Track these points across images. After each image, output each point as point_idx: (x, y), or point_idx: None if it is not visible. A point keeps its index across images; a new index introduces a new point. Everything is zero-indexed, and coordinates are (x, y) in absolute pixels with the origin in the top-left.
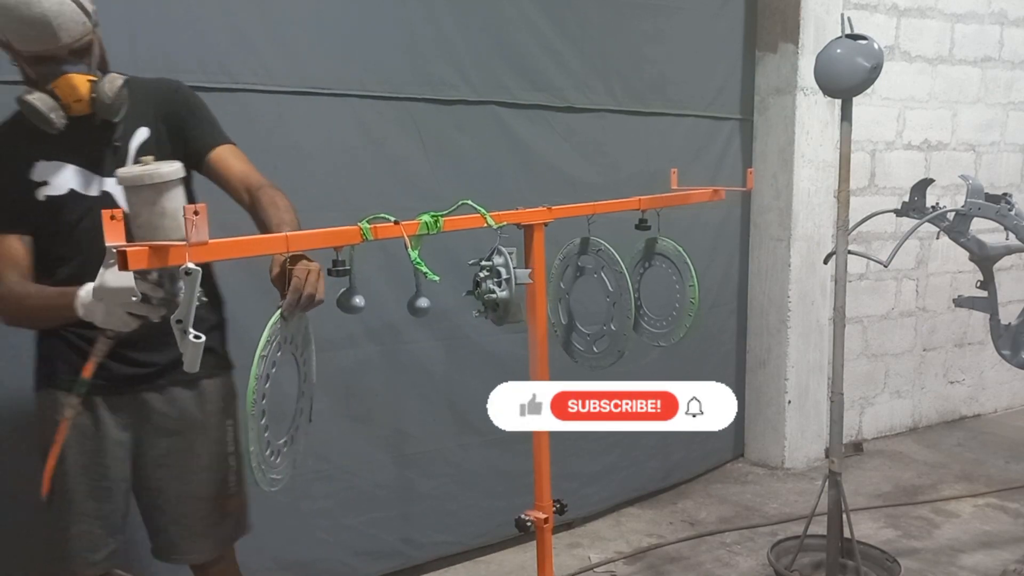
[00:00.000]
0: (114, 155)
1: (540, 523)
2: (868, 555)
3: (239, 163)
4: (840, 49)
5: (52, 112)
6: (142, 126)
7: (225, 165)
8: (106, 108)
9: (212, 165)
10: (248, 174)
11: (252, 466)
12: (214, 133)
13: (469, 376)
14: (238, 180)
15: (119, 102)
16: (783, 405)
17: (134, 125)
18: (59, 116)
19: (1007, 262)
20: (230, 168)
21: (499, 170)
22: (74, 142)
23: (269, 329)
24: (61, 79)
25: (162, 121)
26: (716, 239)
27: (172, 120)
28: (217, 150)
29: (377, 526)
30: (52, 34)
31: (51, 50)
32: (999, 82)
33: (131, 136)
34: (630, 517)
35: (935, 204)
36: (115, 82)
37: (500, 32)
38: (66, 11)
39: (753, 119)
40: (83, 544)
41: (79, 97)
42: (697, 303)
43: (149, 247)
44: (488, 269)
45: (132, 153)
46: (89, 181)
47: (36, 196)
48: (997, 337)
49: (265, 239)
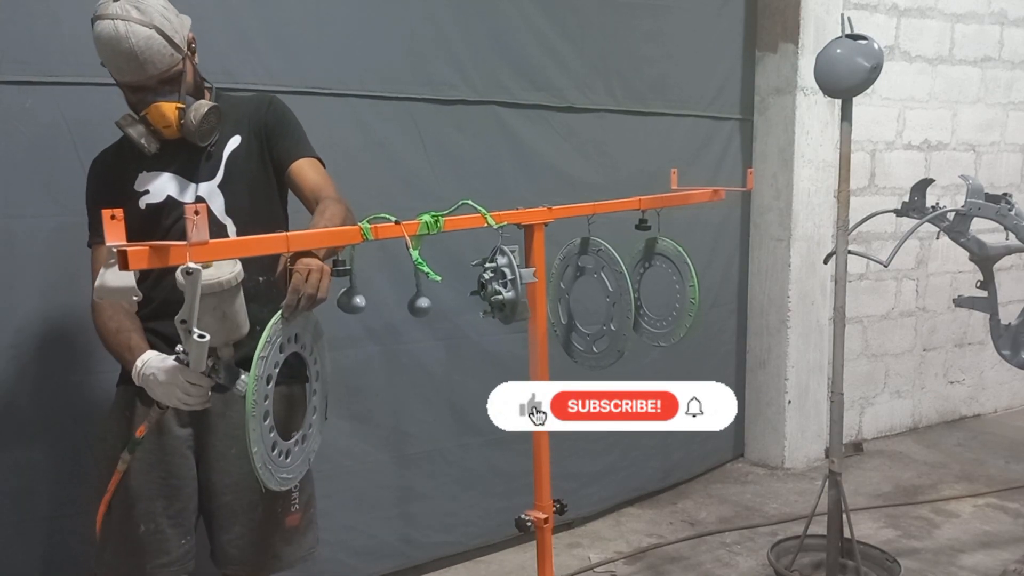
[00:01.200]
0: (207, 161)
1: (540, 523)
2: (868, 555)
3: (314, 175)
4: (840, 49)
5: (143, 138)
6: (236, 134)
7: (301, 176)
8: (192, 134)
9: (291, 176)
10: (320, 187)
11: (256, 467)
12: (299, 146)
13: (469, 376)
14: (309, 191)
15: (206, 127)
16: (783, 405)
17: (228, 133)
18: (151, 142)
19: (1007, 262)
20: (304, 180)
21: (499, 170)
22: (171, 151)
23: (269, 329)
24: (152, 108)
25: (254, 131)
26: (716, 239)
27: (263, 131)
28: (298, 162)
29: (377, 526)
30: (139, 67)
31: (141, 81)
32: (999, 82)
33: (225, 144)
34: (630, 517)
35: (935, 204)
36: (201, 110)
37: (500, 32)
38: (154, 46)
39: (753, 119)
40: (155, 543)
41: (168, 124)
42: (697, 303)
43: (150, 247)
44: (492, 270)
45: (225, 159)
46: (184, 187)
47: (139, 205)
48: (997, 337)
49: (265, 239)
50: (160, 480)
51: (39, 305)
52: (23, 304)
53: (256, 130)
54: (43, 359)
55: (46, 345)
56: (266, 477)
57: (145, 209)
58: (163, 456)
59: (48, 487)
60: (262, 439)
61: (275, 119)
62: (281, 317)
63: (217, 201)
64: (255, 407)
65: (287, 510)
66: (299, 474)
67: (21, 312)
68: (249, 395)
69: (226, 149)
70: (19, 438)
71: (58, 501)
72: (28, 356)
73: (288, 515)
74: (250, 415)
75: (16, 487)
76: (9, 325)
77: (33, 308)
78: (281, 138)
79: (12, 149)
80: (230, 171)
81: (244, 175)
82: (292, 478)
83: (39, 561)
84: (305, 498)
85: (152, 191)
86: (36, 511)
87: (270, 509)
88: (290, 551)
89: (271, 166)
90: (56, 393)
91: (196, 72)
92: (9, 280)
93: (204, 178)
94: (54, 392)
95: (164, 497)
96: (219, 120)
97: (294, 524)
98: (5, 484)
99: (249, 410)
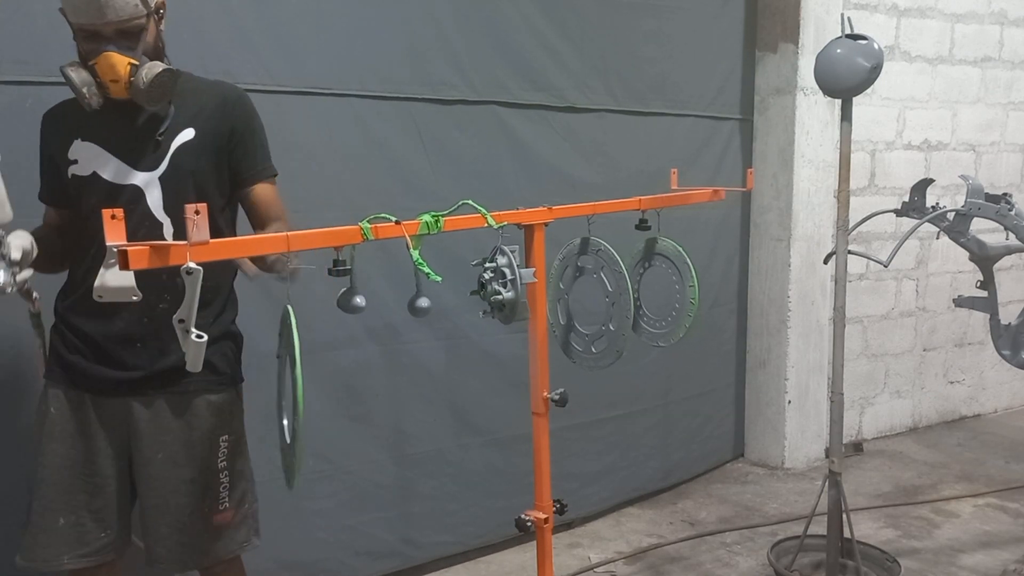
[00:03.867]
0: (154, 151)
1: (540, 523)
2: (868, 555)
3: (269, 198)
4: (840, 49)
5: (85, 87)
6: (190, 127)
7: (257, 199)
8: (141, 94)
9: (249, 198)
10: (271, 212)
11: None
12: (264, 165)
13: (469, 376)
14: (263, 215)
15: (156, 91)
16: (783, 405)
17: (182, 124)
18: (92, 93)
19: (1007, 262)
20: (259, 203)
21: (499, 170)
22: (117, 128)
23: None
24: (101, 56)
25: (213, 128)
26: (716, 239)
27: (225, 133)
28: (260, 186)
29: (377, 526)
30: (98, 9)
31: (97, 26)
32: (999, 82)
33: (176, 135)
34: (630, 517)
35: (935, 204)
36: (154, 69)
37: (500, 32)
38: None
39: (753, 119)
40: (74, 535)
41: (116, 77)
42: (697, 303)
43: (150, 247)
44: (492, 270)
45: (172, 151)
46: (120, 170)
47: (67, 174)
48: (997, 337)
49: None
50: (84, 477)
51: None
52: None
53: (216, 129)
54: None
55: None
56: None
57: (71, 180)
58: (87, 455)
59: None
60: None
61: (243, 126)
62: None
63: (155, 194)
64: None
65: (214, 510)
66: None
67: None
68: (300, 403)
69: (176, 140)
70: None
71: None
72: (28, 356)
73: (216, 514)
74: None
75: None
76: (9, 325)
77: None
78: (246, 151)
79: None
80: (175, 165)
81: (190, 172)
82: None
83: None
84: (238, 495)
85: (81, 162)
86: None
87: (197, 510)
88: (220, 546)
89: (226, 170)
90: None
91: (159, 38)
92: None
93: (145, 166)
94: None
95: (86, 493)
96: (173, 86)
97: (224, 522)
98: (5, 484)
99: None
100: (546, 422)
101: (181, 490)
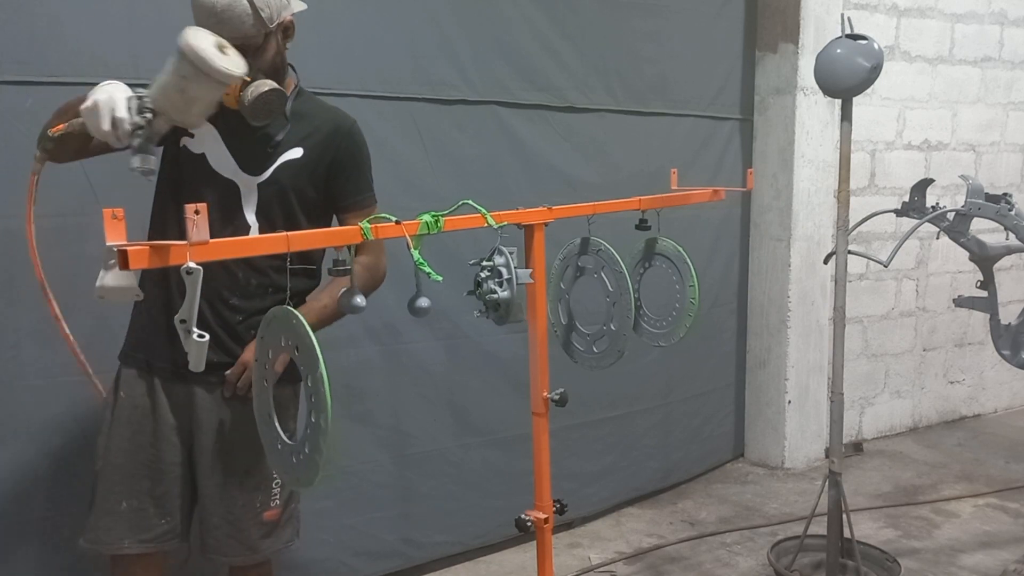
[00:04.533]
0: (263, 159)
1: (540, 523)
2: (868, 555)
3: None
4: (840, 49)
5: None
6: (300, 147)
7: None
8: (245, 109)
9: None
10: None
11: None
12: (363, 197)
13: (469, 376)
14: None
15: (261, 107)
16: (783, 405)
17: (293, 142)
18: None
19: (1007, 262)
20: None
21: (499, 170)
22: (240, 128)
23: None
24: None
25: (318, 155)
26: (716, 239)
27: (330, 159)
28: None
29: (377, 526)
30: (216, 25)
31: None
32: (999, 82)
33: (285, 150)
34: (630, 517)
35: (935, 204)
36: (260, 87)
37: (500, 32)
38: (236, 9)
39: (753, 119)
40: (136, 519)
41: (227, 89)
42: (697, 303)
43: (150, 247)
44: (489, 269)
45: (277, 164)
46: (227, 163)
47: (179, 141)
48: (997, 337)
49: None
50: (148, 463)
51: (39, 305)
52: (23, 304)
53: (323, 156)
54: (43, 359)
55: (46, 345)
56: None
57: (181, 149)
58: (153, 441)
59: (46, 487)
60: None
61: (347, 157)
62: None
63: (251, 197)
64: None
65: (267, 505)
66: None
67: (21, 312)
68: (327, 408)
69: (284, 156)
70: (19, 438)
71: (54, 501)
72: (28, 356)
73: (268, 510)
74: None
75: (15, 487)
76: (9, 325)
77: (33, 308)
78: (347, 180)
79: (12, 149)
80: (276, 177)
81: (289, 188)
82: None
83: (33, 563)
84: (287, 493)
85: (197, 138)
86: (33, 511)
87: (248, 503)
88: (268, 543)
89: (323, 194)
90: (56, 393)
91: (282, 56)
92: (9, 280)
93: (251, 170)
94: (54, 392)
95: (149, 479)
96: (280, 106)
97: (273, 518)
98: (4, 484)
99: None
100: (546, 422)
101: (235, 482)
